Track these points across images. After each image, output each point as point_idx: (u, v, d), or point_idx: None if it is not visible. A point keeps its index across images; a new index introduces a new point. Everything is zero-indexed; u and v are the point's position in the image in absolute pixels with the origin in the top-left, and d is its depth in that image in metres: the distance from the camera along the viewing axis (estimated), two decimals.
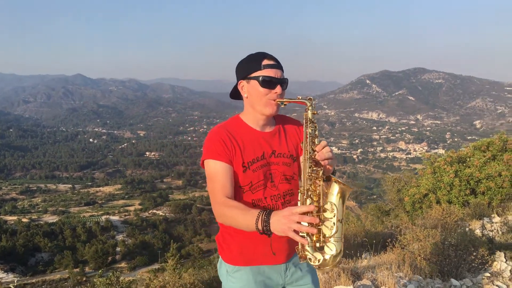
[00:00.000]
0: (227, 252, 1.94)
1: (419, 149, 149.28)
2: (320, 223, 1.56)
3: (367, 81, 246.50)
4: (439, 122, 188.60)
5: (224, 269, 1.95)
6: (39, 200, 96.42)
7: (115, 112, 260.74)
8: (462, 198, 9.01)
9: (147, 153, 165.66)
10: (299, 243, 1.57)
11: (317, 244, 1.58)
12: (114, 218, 78.94)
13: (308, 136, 1.73)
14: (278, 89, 1.83)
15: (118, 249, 57.18)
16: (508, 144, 9.84)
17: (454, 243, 3.83)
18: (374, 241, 5.13)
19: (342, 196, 1.62)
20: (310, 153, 1.71)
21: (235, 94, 2.04)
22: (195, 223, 74.41)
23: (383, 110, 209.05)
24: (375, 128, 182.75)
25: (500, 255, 4.02)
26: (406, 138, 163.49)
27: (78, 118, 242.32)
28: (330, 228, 1.56)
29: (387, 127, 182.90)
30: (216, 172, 1.80)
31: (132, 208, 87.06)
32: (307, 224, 1.51)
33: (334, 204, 1.58)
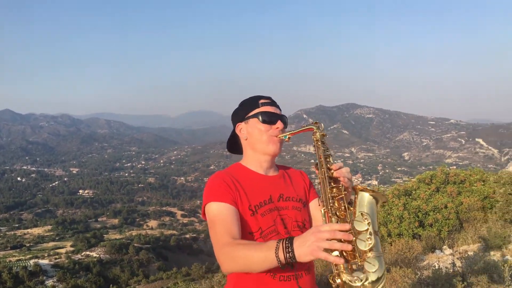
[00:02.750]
0: None
1: (354, 180, 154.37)
2: (354, 239, 1.29)
3: (304, 116, 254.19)
4: (371, 154, 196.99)
5: None
6: None
7: (45, 149, 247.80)
8: (412, 230, 9.17)
9: (81, 191, 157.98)
10: (333, 267, 1.32)
11: (354, 266, 1.29)
12: (44, 261, 73.30)
13: (322, 156, 1.65)
14: (279, 124, 1.77)
15: None
16: (450, 177, 10.29)
17: (431, 282, 3.75)
18: None
19: (373, 205, 1.42)
20: (326, 172, 1.58)
21: (233, 146, 1.91)
22: (132, 263, 70.89)
23: None
24: (313, 161, 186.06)
25: None
26: None
27: (4, 155, 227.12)
28: (366, 240, 1.28)
29: None
30: (219, 213, 1.58)
31: (63, 251, 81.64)
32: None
33: (366, 213, 1.34)
